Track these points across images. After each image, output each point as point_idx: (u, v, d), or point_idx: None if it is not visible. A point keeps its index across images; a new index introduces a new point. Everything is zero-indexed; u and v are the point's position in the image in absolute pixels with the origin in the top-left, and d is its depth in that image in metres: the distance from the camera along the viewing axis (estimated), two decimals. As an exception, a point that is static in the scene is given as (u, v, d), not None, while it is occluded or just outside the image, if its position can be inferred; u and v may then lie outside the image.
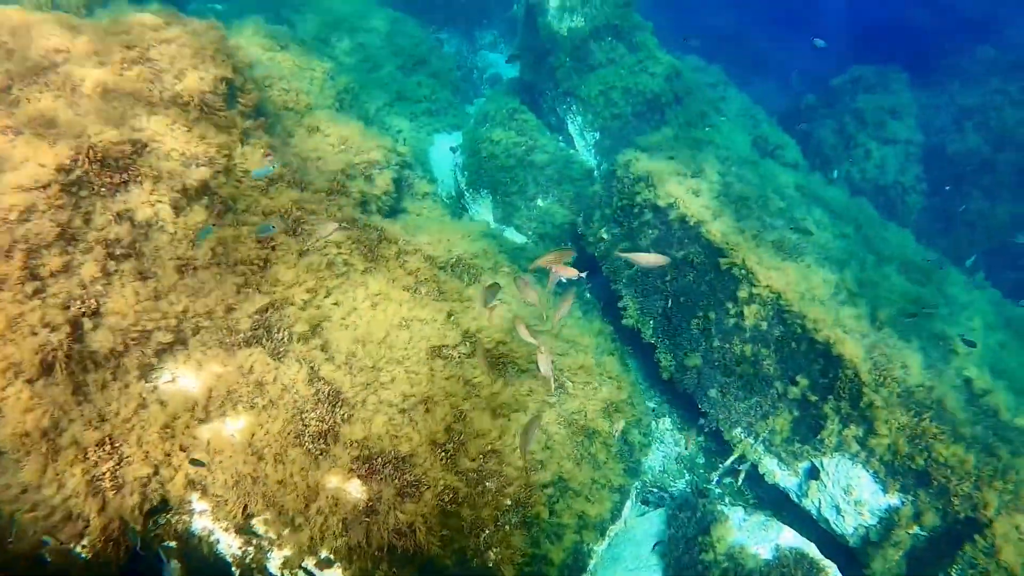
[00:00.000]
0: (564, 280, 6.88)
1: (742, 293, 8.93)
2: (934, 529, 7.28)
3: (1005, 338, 10.69)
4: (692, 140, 12.15)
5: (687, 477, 10.29)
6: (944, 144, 18.51)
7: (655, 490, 10.45)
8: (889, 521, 7.51)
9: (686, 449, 10.39)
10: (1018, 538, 6.71)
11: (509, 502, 6.54)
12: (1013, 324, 11.25)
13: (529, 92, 15.66)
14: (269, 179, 7.88)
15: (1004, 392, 8.75)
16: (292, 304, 6.97)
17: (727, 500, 9.85)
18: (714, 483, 9.80)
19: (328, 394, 6.37)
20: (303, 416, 6.09)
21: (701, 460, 10.24)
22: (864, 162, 17.53)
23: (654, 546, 8.48)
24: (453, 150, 14.59)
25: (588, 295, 12.39)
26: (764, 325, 8.72)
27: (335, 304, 7.40)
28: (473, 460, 6.56)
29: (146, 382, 5.87)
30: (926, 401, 7.79)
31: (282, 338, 6.58)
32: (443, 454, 6.41)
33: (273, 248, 7.30)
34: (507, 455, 6.87)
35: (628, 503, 8.98)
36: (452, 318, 7.99)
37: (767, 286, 8.72)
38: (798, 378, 8.35)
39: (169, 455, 5.47)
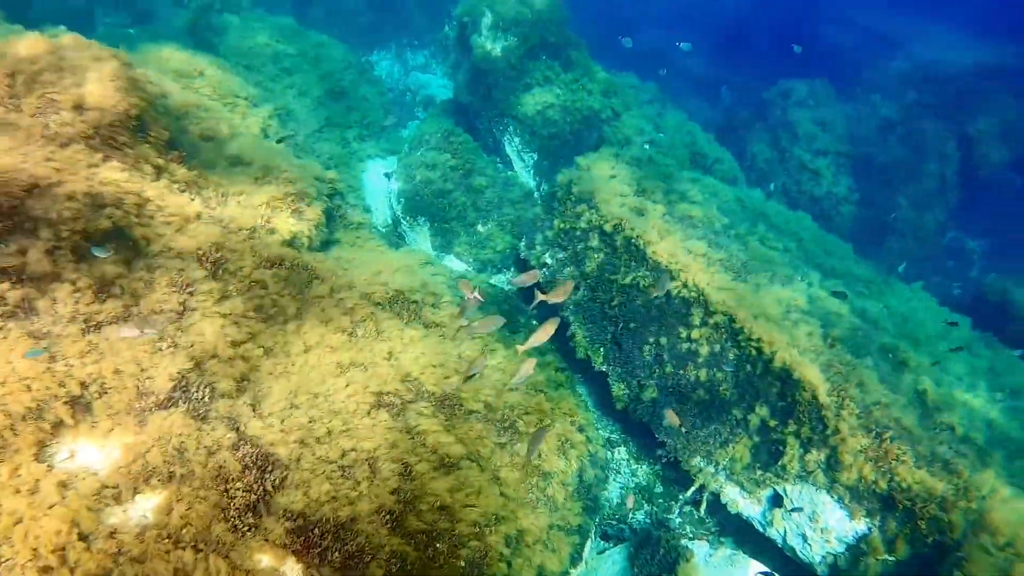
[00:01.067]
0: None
1: (694, 316, 8.66)
2: (904, 555, 7.08)
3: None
4: (633, 159, 11.93)
5: (646, 508, 9.93)
6: (871, 155, 19.00)
7: (614, 522, 10.04)
8: (857, 548, 7.28)
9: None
10: (989, 562, 6.55)
11: (463, 564, 5.99)
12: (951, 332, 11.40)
13: (464, 114, 15.26)
14: (185, 217, 7.17)
15: (958, 407, 8.74)
16: (215, 356, 6.27)
17: (688, 530, 9.51)
18: (675, 514, 9.45)
19: (257, 457, 5.70)
20: (228, 486, 5.40)
21: (660, 489, 9.88)
22: (799, 174, 17.79)
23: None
24: (387, 176, 14.04)
25: (535, 323, 11.98)
26: (718, 349, 8.45)
27: (264, 352, 6.74)
28: (422, 520, 5.99)
29: (40, 462, 5.09)
30: (884, 420, 7.63)
31: (203, 397, 5.88)
32: (389, 516, 5.81)
33: (191, 294, 6.59)
34: (459, 511, 6.32)
35: (588, 543, 8.53)
36: (393, 359, 7.42)
37: (719, 309, 8.47)
38: (756, 403, 8.10)
39: (66, 550, 4.69)
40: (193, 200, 7.56)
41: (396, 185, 13.02)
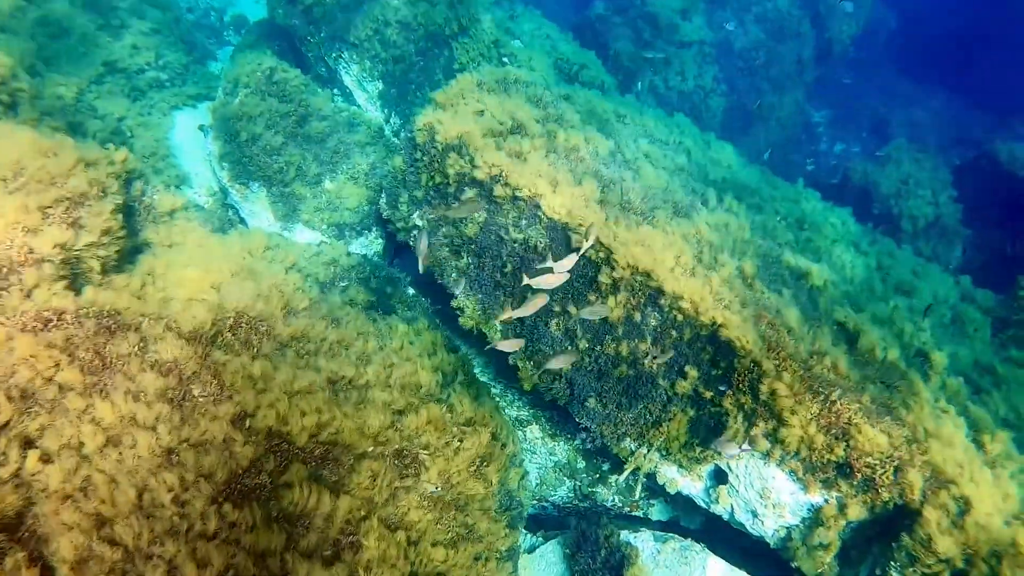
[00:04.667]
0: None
1: (603, 278, 7.38)
2: (863, 522, 6.52)
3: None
4: (497, 81, 10.15)
5: (568, 484, 9.00)
6: (731, 41, 18.17)
7: (535, 502, 9.11)
8: (814, 520, 6.64)
9: None
10: (949, 522, 6.06)
11: None
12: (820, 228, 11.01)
13: (287, 39, 12.59)
14: None
15: (873, 325, 8.22)
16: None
17: (617, 501, 8.69)
18: (605, 491, 8.57)
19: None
20: None
21: (582, 464, 8.93)
22: (665, 69, 16.65)
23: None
24: (202, 130, 11.37)
25: (411, 291, 10.33)
26: (637, 316, 7.28)
27: (44, 460, 4.73)
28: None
29: None
30: (825, 373, 6.87)
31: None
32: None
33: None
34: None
35: (519, 559, 7.47)
36: (248, 423, 5.60)
37: (631, 266, 7.21)
38: (687, 370, 7.08)
39: None
40: None
41: (216, 145, 10.46)
